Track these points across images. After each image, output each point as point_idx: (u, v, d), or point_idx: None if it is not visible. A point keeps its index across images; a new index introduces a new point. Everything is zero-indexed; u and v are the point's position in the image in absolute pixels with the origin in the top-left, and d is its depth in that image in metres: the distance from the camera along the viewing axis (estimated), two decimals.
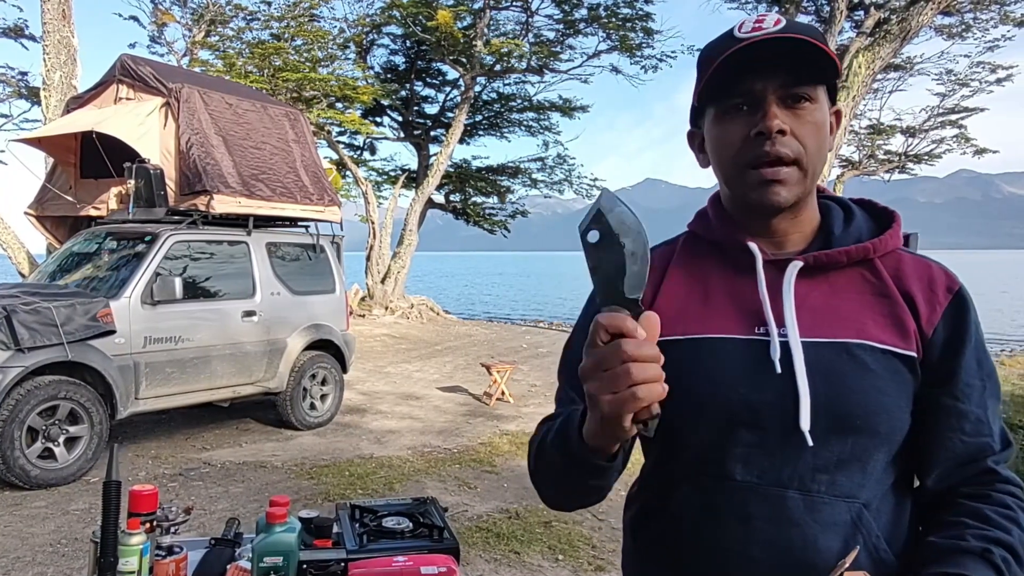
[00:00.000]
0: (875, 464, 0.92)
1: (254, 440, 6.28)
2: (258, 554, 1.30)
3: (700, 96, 1.00)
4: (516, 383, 9.25)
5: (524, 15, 17.62)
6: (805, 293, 0.97)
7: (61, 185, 7.24)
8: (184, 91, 6.43)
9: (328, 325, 6.94)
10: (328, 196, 7.52)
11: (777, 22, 0.93)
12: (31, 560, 3.73)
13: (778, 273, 0.98)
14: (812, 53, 0.92)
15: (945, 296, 0.96)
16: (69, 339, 4.85)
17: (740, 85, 0.94)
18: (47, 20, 9.59)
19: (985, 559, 0.85)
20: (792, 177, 0.94)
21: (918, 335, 0.95)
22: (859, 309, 0.96)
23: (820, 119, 0.95)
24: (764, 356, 0.94)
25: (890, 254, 1.00)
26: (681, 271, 1.07)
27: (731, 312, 1.00)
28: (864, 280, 0.98)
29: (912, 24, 12.86)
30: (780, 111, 0.93)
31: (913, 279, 0.98)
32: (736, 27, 0.96)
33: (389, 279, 17.13)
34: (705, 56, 0.99)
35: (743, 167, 0.96)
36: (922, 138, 19.42)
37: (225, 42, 16.37)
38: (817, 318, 0.96)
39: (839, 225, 1.03)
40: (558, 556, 3.92)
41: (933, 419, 0.95)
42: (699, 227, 1.11)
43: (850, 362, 0.92)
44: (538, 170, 20.64)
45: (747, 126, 0.95)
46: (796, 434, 0.91)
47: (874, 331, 0.94)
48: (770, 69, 0.93)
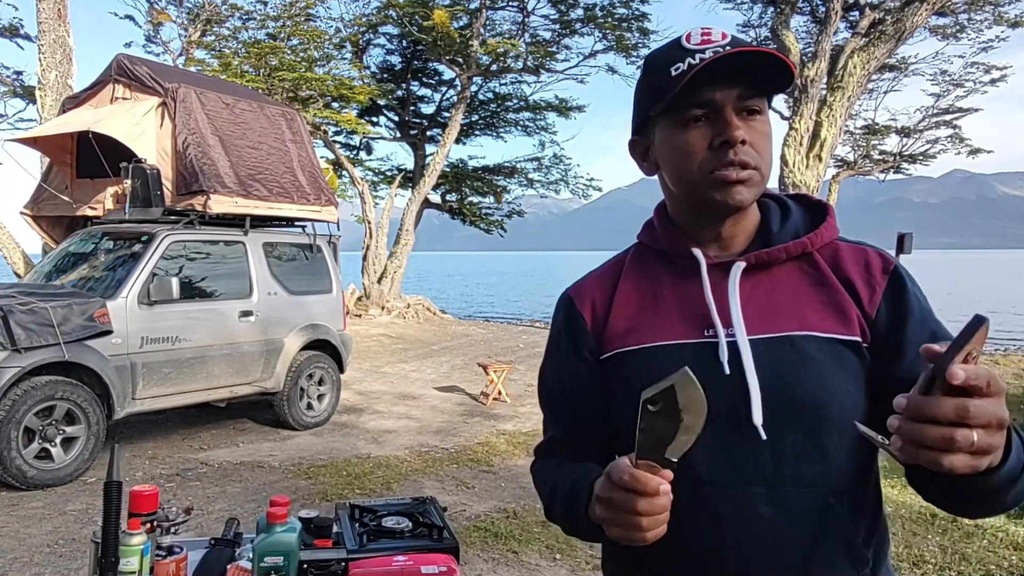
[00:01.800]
0: (835, 451, 0.93)
1: (251, 440, 6.28)
2: (259, 554, 1.31)
3: (651, 106, 1.02)
4: (513, 383, 9.26)
5: (520, 15, 17.65)
6: (750, 292, 1.00)
7: (57, 185, 7.22)
8: (180, 91, 6.42)
9: (325, 325, 6.94)
10: (325, 196, 7.51)
11: (724, 35, 0.96)
12: (28, 561, 3.72)
13: (723, 275, 1.02)
14: (770, 66, 0.94)
15: (882, 277, 0.99)
16: (66, 339, 4.84)
17: (700, 96, 0.95)
18: (43, 19, 9.56)
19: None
20: (753, 178, 0.97)
21: (862, 319, 0.97)
22: (800, 301, 0.99)
23: (768, 130, 0.99)
24: (714, 357, 0.97)
25: (827, 245, 1.03)
26: (631, 283, 1.10)
27: (681, 318, 1.03)
28: (804, 273, 1.01)
29: (907, 25, 12.91)
30: (739, 121, 0.96)
31: (851, 266, 1.00)
32: (683, 38, 0.98)
33: (385, 279, 17.11)
34: (654, 67, 1.01)
35: (707, 172, 0.98)
36: (917, 138, 19.47)
37: (221, 42, 16.32)
38: (762, 315, 0.99)
39: (776, 222, 1.06)
40: (556, 555, 3.93)
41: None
42: (646, 237, 1.14)
43: (794, 353, 0.95)
44: (534, 170, 20.69)
45: (709, 135, 0.97)
46: (751, 429, 0.93)
47: (815, 321, 0.97)
48: (728, 80, 0.95)
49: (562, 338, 1.14)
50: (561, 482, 1.06)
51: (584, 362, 1.10)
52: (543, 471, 1.16)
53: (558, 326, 1.16)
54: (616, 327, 1.07)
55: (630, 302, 1.08)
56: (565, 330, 1.13)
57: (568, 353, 1.12)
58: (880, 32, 13.24)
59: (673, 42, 1.00)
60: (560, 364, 1.14)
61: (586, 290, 1.14)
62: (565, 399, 1.14)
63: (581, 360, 1.10)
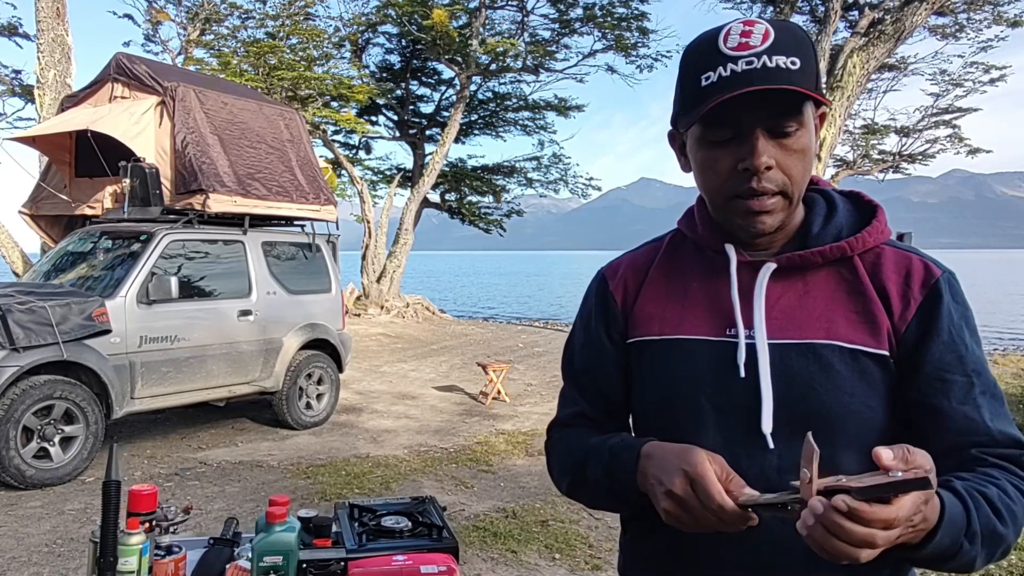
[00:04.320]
0: (847, 465, 0.90)
1: (250, 440, 6.27)
2: (258, 553, 1.31)
3: (682, 110, 0.98)
4: (512, 382, 9.26)
5: (520, 14, 17.64)
6: (778, 295, 0.98)
7: (56, 184, 7.21)
8: (180, 90, 6.41)
9: (324, 324, 6.93)
10: (324, 195, 7.51)
11: (766, 35, 0.90)
12: (27, 560, 3.72)
13: (753, 275, 0.99)
14: (800, 93, 0.89)
15: (921, 291, 0.94)
16: (65, 338, 4.83)
17: (727, 115, 0.91)
18: (41, 18, 9.54)
19: (944, 485, 0.82)
20: (777, 206, 0.94)
21: (891, 332, 0.93)
22: (831, 308, 0.95)
23: (806, 143, 0.93)
24: (732, 358, 0.96)
25: (871, 250, 0.98)
26: (663, 271, 1.09)
27: (706, 314, 1.01)
28: (840, 278, 0.97)
29: (906, 24, 12.90)
30: (767, 143, 0.91)
31: (890, 274, 0.96)
32: (722, 37, 0.92)
33: (385, 278, 17.10)
34: (688, 66, 0.96)
35: (728, 196, 0.95)
36: (916, 138, 19.47)
37: (220, 41, 16.31)
38: (788, 319, 0.96)
39: (819, 222, 1.01)
40: (555, 555, 3.93)
41: (914, 420, 0.93)
42: (685, 226, 1.12)
43: (815, 364, 0.92)
44: (533, 169, 20.68)
45: (733, 158, 0.93)
46: (759, 436, 0.92)
47: (843, 331, 0.93)
48: (758, 102, 0.89)
49: (593, 316, 1.13)
50: (599, 446, 1.03)
51: (612, 342, 1.10)
52: (566, 440, 1.13)
53: (590, 304, 1.15)
54: (643, 313, 1.07)
55: (659, 289, 1.07)
56: (597, 309, 1.13)
57: (597, 332, 1.12)
58: (879, 32, 13.24)
59: (710, 39, 0.93)
60: (588, 343, 1.14)
61: (620, 271, 1.13)
62: (590, 377, 1.13)
63: (609, 340, 1.10)
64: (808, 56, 0.91)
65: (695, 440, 0.92)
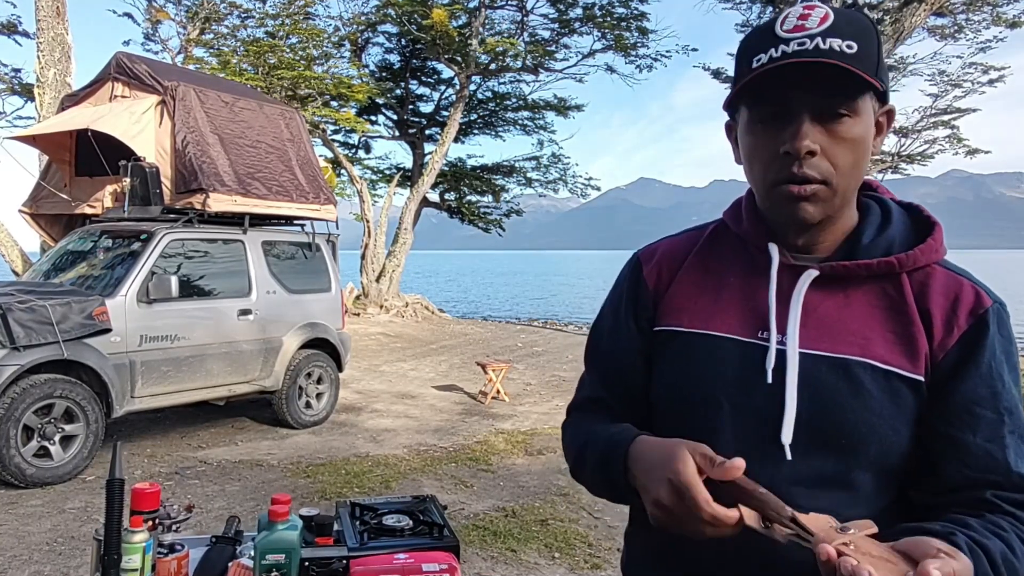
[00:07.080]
0: (862, 485, 0.89)
1: (250, 439, 6.28)
2: (260, 551, 1.31)
3: (737, 94, 0.95)
4: (511, 382, 9.26)
5: (519, 14, 17.64)
6: (818, 303, 0.94)
7: (56, 183, 7.21)
8: (180, 89, 6.41)
9: (324, 324, 6.94)
10: (324, 195, 7.51)
11: (824, 18, 0.87)
12: (28, 559, 3.73)
13: (793, 279, 0.95)
14: (852, 77, 0.86)
15: (967, 319, 0.89)
16: (65, 337, 4.84)
17: (774, 94, 0.89)
18: (41, 17, 9.53)
19: (947, 539, 0.75)
20: (821, 194, 0.90)
21: (928, 357, 0.89)
22: (870, 325, 0.91)
23: (859, 133, 0.89)
24: (760, 362, 0.93)
25: (921, 269, 0.93)
26: (700, 262, 1.06)
27: (738, 312, 0.98)
28: (883, 294, 0.93)
29: (905, 25, 12.92)
30: (813, 128, 0.87)
31: (937, 298, 0.91)
32: (779, 21, 0.89)
33: (384, 278, 17.11)
34: (743, 51, 0.93)
35: (771, 184, 0.92)
36: (915, 138, 19.47)
37: (220, 40, 16.32)
38: (824, 330, 0.92)
39: (871, 232, 0.96)
40: (555, 554, 3.94)
41: (934, 448, 0.90)
42: (730, 218, 1.08)
43: (845, 380, 0.89)
44: (533, 169, 20.69)
45: (777, 141, 0.89)
46: (776, 446, 0.90)
47: (880, 350, 0.90)
48: (808, 81, 0.86)
49: (623, 300, 1.11)
50: (597, 435, 1.02)
51: (639, 328, 1.07)
52: (576, 425, 1.12)
53: (621, 288, 1.12)
54: (674, 301, 1.04)
55: (694, 280, 1.04)
56: (627, 293, 1.10)
57: (626, 316, 1.09)
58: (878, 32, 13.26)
59: (769, 24, 0.91)
60: (615, 328, 1.11)
61: (656, 256, 1.10)
62: (613, 361, 1.11)
63: (637, 326, 1.08)
64: (869, 43, 0.87)
65: (709, 440, 0.87)
